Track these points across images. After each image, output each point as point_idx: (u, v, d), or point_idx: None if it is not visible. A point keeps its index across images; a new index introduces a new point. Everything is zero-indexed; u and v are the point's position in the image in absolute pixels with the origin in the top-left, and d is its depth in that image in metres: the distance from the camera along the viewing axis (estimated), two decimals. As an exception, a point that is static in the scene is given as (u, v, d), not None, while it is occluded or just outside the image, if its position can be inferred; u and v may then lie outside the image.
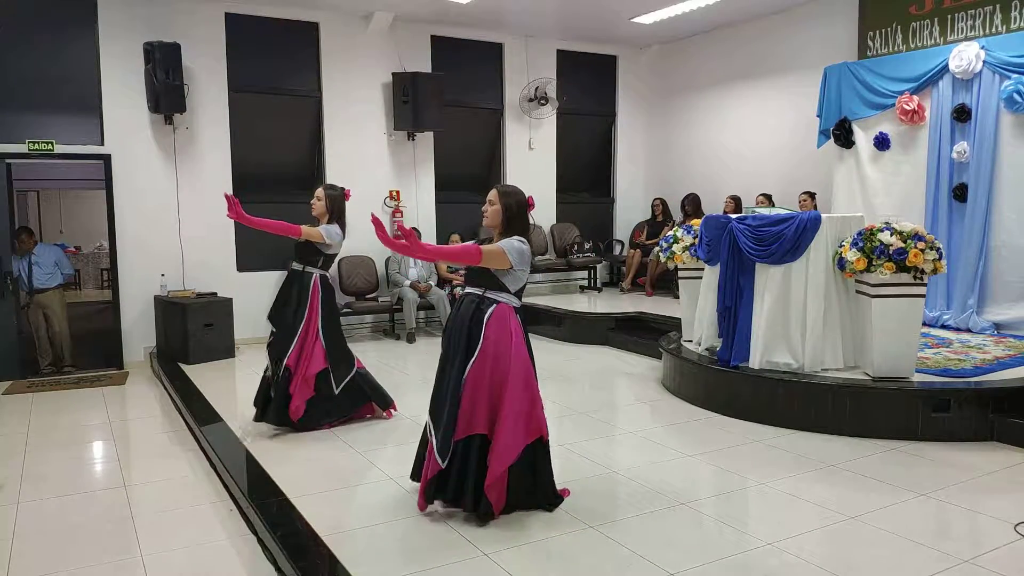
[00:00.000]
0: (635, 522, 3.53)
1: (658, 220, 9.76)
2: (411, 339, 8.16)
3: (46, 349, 7.46)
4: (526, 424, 3.50)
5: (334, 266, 5.76)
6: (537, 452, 3.58)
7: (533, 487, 3.59)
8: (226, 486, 4.19)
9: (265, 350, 5.11)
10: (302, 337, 4.90)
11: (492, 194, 3.63)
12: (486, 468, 3.45)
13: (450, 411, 3.48)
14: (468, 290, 3.64)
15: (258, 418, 5.06)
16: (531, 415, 3.53)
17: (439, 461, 3.48)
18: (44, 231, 14.29)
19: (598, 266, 10.15)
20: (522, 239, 3.55)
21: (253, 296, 8.10)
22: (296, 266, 5.06)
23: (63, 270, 7.61)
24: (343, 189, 5.14)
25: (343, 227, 5.06)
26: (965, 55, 6.44)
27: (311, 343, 4.91)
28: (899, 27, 7.30)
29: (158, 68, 7.13)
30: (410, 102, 8.42)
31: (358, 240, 7.44)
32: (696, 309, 5.96)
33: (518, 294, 3.60)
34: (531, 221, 3.69)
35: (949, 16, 6.90)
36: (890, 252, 4.69)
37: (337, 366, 4.99)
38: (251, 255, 8.21)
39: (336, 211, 5.03)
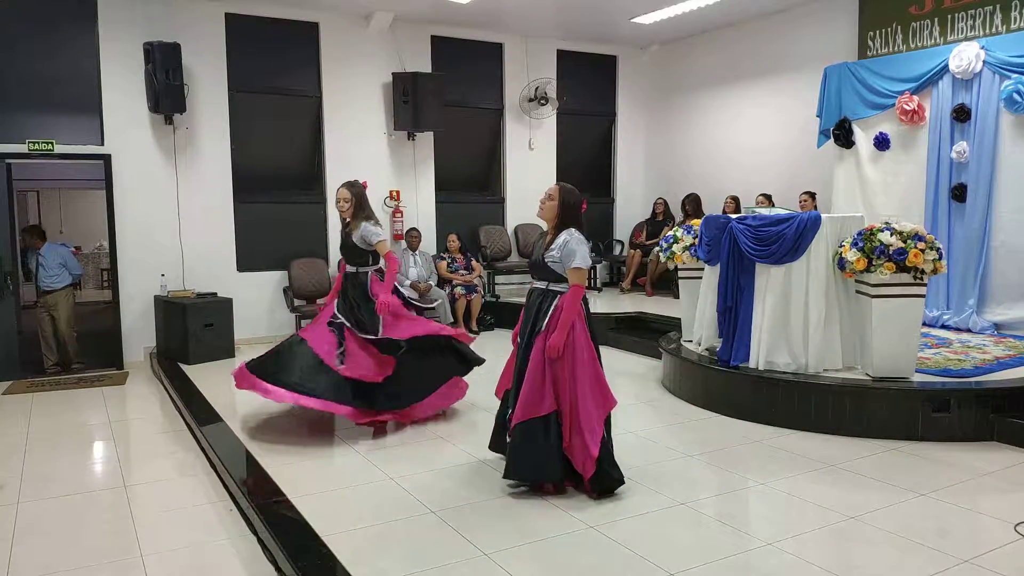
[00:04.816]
0: (635, 522, 3.53)
1: (659, 219, 9.77)
2: (411, 339, 8.16)
3: (51, 348, 7.45)
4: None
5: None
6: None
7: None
8: (226, 486, 4.19)
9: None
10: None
11: (552, 189, 3.94)
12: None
13: (513, 397, 3.84)
14: (534, 284, 3.97)
15: None
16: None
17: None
18: (45, 231, 14.26)
19: (598, 266, 10.14)
20: (581, 235, 3.86)
21: (253, 296, 8.12)
22: (350, 269, 5.21)
23: (71, 271, 7.54)
24: (360, 183, 5.26)
25: (375, 216, 5.19)
26: (965, 55, 6.44)
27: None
28: (899, 27, 7.30)
29: (158, 68, 7.13)
30: (410, 102, 8.41)
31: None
32: (696, 309, 5.96)
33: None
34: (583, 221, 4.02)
35: (949, 16, 6.89)
36: (890, 252, 4.69)
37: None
38: (251, 255, 8.22)
39: (361, 206, 5.15)
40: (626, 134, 10.66)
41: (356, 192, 5.14)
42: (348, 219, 5.16)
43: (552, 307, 3.80)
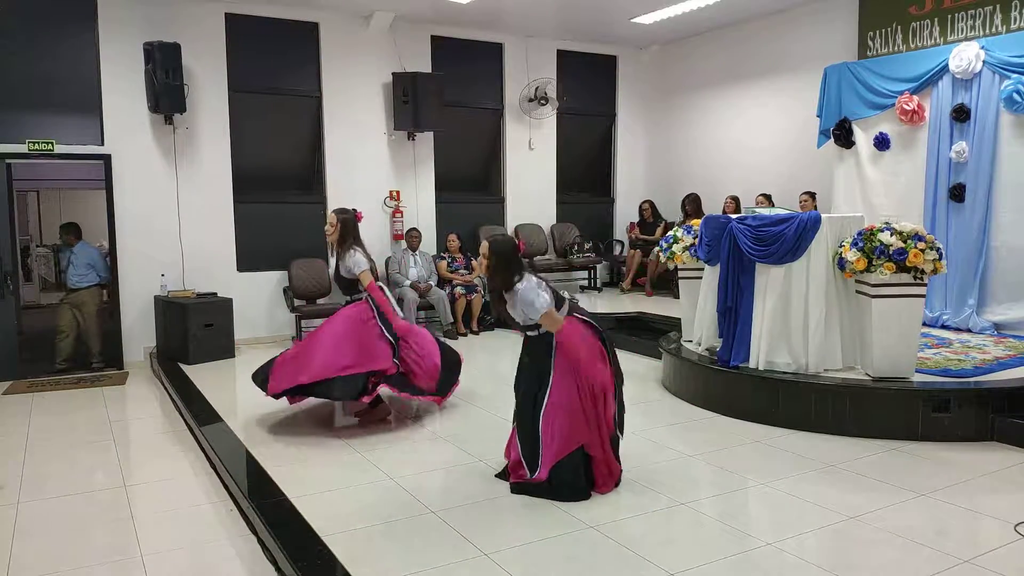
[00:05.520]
0: (635, 522, 3.53)
1: (648, 222, 9.83)
2: (411, 339, 8.14)
3: (68, 346, 7.48)
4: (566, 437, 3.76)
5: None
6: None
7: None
8: (226, 486, 4.19)
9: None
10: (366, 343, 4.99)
11: (483, 248, 3.85)
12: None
13: (532, 446, 3.82)
14: (528, 334, 3.94)
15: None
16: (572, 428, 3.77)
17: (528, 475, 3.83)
18: (44, 231, 14.26)
19: (598, 266, 10.15)
20: (527, 280, 3.75)
21: (253, 296, 8.12)
22: (347, 298, 5.25)
23: (98, 272, 7.63)
24: (354, 211, 5.25)
25: (362, 246, 5.16)
26: (965, 55, 6.44)
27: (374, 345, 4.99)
28: (899, 27, 7.30)
29: (158, 68, 7.13)
30: (410, 102, 8.41)
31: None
32: (696, 309, 5.96)
33: (558, 304, 3.81)
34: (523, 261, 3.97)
35: (949, 16, 6.89)
36: (890, 252, 4.69)
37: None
38: (251, 255, 8.22)
39: (348, 234, 5.12)
40: (626, 134, 10.66)
41: (343, 219, 5.11)
42: (334, 244, 5.15)
43: (553, 346, 3.80)
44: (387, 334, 4.99)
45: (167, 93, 7.22)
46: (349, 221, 5.14)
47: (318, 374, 4.75)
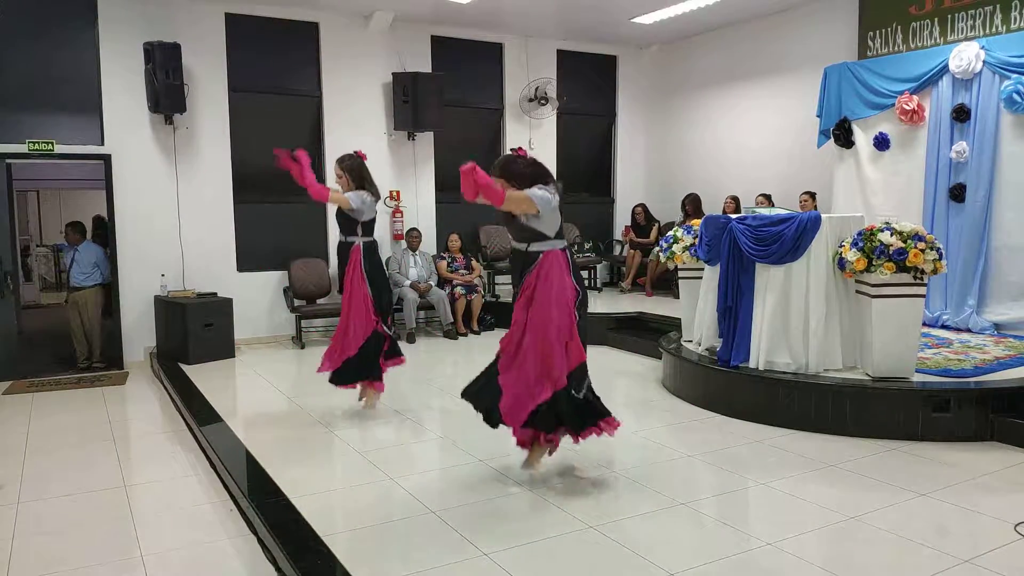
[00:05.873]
0: (635, 522, 3.53)
1: (641, 225, 9.85)
2: (411, 339, 8.15)
3: (81, 343, 7.52)
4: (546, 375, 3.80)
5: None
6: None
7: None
8: (226, 486, 4.19)
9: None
10: (347, 304, 5.09)
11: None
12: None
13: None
14: (514, 245, 3.87)
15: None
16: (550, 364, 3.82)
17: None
18: (44, 231, 14.28)
19: (598, 266, 10.14)
20: (543, 186, 3.71)
21: (253, 296, 8.12)
22: (341, 238, 5.18)
23: (103, 271, 7.65)
24: (355, 153, 5.17)
25: (373, 190, 5.09)
26: (965, 55, 6.44)
27: (358, 309, 5.04)
28: (899, 27, 7.30)
29: (158, 68, 7.13)
30: (410, 102, 8.42)
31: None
32: (696, 309, 5.96)
33: (559, 235, 3.80)
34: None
35: (949, 16, 6.89)
36: (890, 252, 4.69)
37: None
38: (251, 255, 8.22)
39: (360, 178, 5.06)
40: (626, 134, 10.66)
41: (347, 166, 5.07)
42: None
43: (532, 268, 3.76)
44: (369, 289, 5.05)
45: (167, 93, 7.23)
46: (356, 166, 5.08)
47: (338, 361, 5.11)
